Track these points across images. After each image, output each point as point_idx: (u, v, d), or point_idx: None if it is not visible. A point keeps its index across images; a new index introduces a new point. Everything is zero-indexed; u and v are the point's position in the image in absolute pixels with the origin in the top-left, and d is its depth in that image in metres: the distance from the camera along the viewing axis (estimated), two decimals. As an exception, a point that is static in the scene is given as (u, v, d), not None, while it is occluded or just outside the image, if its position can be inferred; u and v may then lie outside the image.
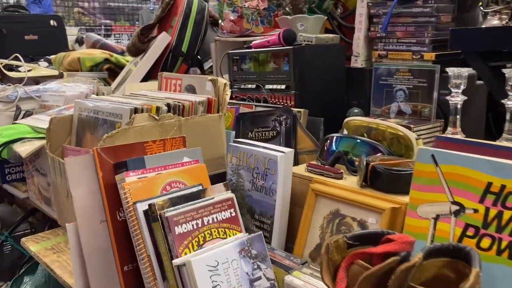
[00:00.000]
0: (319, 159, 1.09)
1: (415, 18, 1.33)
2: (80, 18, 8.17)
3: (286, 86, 1.41)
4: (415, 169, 0.75)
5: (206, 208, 0.84)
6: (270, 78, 1.48)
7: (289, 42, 1.45)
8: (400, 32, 1.37)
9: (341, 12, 1.63)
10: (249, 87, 1.54)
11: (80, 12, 8.28)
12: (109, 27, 8.49)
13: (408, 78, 1.17)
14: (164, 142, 1.03)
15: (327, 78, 1.45)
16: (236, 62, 1.61)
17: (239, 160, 1.06)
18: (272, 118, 1.23)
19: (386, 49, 1.41)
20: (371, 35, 1.44)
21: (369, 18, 1.45)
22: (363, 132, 1.11)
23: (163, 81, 1.37)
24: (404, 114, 1.19)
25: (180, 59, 1.95)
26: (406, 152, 1.04)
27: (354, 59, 1.48)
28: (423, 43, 1.31)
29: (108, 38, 7.77)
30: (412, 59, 1.34)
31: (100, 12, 8.46)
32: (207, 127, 1.14)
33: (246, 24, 1.86)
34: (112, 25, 8.58)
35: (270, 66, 1.47)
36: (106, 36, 7.67)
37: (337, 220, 0.88)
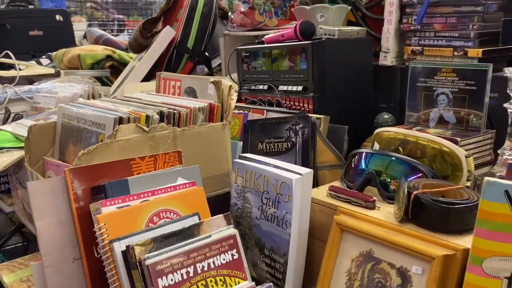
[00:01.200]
0: (344, 180, 0.89)
1: (457, 8, 1.11)
2: (93, 13, 8.10)
3: (303, 88, 1.22)
4: (480, 209, 0.55)
5: (201, 251, 0.66)
6: (284, 78, 1.28)
7: (307, 36, 1.25)
8: (438, 24, 1.16)
9: (367, 2, 1.42)
10: (260, 88, 1.35)
11: (92, 7, 8.20)
12: (122, 22, 8.39)
13: (452, 80, 0.96)
14: (155, 159, 0.85)
15: (351, 78, 1.25)
16: (246, 60, 1.42)
17: (245, 180, 0.87)
18: (286, 126, 1.04)
19: (422, 44, 1.20)
20: (403, 28, 1.23)
21: (401, 8, 1.24)
22: (397, 146, 0.91)
23: (161, 82, 1.19)
24: (447, 123, 0.98)
25: (186, 56, 1.77)
26: (452, 173, 0.84)
27: (383, 56, 1.28)
28: (467, 37, 1.10)
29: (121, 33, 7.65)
30: (454, 56, 1.13)
31: (113, 7, 8.36)
32: (208, 139, 0.96)
33: (258, 16, 1.66)
34: (125, 20, 8.47)
35: (285, 64, 1.27)
36: (119, 31, 7.57)
37: (369, 265, 0.69)
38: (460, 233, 0.66)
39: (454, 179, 0.83)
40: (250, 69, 1.40)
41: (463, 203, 0.66)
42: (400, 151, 0.91)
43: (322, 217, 0.82)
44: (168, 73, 1.18)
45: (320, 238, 0.81)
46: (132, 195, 0.75)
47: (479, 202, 0.55)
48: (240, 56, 1.43)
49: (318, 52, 1.17)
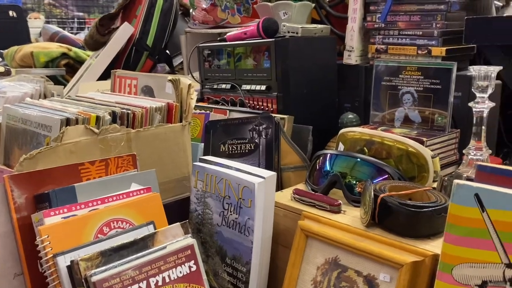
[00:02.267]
0: (308, 183, 0.86)
1: (420, 6, 1.10)
2: (51, 10, 7.80)
3: (267, 87, 1.18)
4: (449, 214, 0.52)
5: (155, 264, 0.60)
6: (248, 77, 1.24)
7: (270, 33, 1.21)
8: (402, 22, 1.14)
9: (330, 0, 1.40)
10: (223, 88, 1.30)
11: (51, 3, 7.90)
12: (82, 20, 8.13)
13: (417, 79, 0.94)
14: (107, 163, 0.78)
15: (315, 77, 1.22)
16: (208, 58, 1.36)
17: (205, 185, 0.82)
18: (249, 127, 1.00)
19: (386, 43, 1.18)
20: (368, 26, 1.21)
21: (365, 6, 1.22)
22: (362, 147, 0.88)
23: (116, 81, 1.12)
24: (412, 123, 0.97)
25: (145, 54, 1.70)
26: (419, 174, 0.82)
27: (347, 55, 1.25)
28: (430, 35, 1.08)
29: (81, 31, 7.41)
30: (417, 54, 1.11)
31: (73, 4, 8.09)
32: (166, 141, 0.90)
33: (220, 13, 1.61)
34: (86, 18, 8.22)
35: (248, 62, 1.23)
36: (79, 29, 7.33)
37: (335, 272, 0.65)
38: (428, 238, 0.63)
39: (420, 180, 0.81)
40: (213, 67, 1.35)
41: (431, 206, 0.63)
42: (365, 152, 0.88)
43: (286, 222, 0.78)
44: (123, 71, 1.12)
45: (285, 244, 0.77)
46: (79, 204, 0.68)
47: (449, 206, 0.52)
48: (201, 54, 1.37)
49: (282, 50, 1.13)
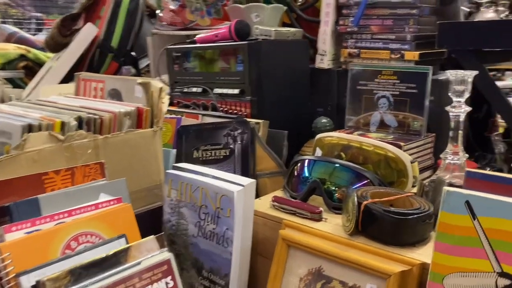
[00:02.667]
0: (287, 189, 0.83)
1: (393, 10, 1.10)
2: (7, 10, 7.49)
3: (240, 91, 1.15)
4: (440, 222, 0.51)
5: (129, 282, 0.56)
6: (220, 81, 1.20)
7: (242, 36, 1.18)
8: (375, 26, 1.14)
9: (302, 3, 1.38)
10: (194, 91, 1.26)
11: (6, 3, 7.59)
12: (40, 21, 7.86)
13: (393, 83, 0.94)
14: (73, 172, 0.73)
15: (288, 81, 1.20)
16: (178, 60, 1.32)
17: (180, 194, 0.78)
18: (224, 132, 0.96)
19: (358, 47, 1.17)
20: (340, 30, 1.20)
21: (337, 10, 1.21)
22: (340, 152, 0.86)
23: (81, 84, 1.06)
24: (388, 127, 0.96)
25: (110, 56, 1.63)
26: (397, 179, 0.81)
27: (319, 58, 1.24)
28: (404, 39, 1.09)
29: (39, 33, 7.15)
30: (391, 58, 1.11)
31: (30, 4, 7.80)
32: (136, 147, 0.85)
33: (189, 15, 1.57)
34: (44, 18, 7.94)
35: (220, 65, 1.19)
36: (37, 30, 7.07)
37: (319, 284, 0.63)
38: (413, 245, 0.62)
39: (399, 185, 0.81)
40: (182, 70, 1.31)
41: (415, 213, 0.62)
42: (343, 157, 0.87)
43: (266, 231, 0.75)
44: (88, 74, 1.06)
45: (264, 255, 0.74)
46: (43, 217, 0.63)
47: (439, 214, 0.51)
48: (171, 57, 1.33)
49: (255, 53, 1.11)
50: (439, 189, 0.68)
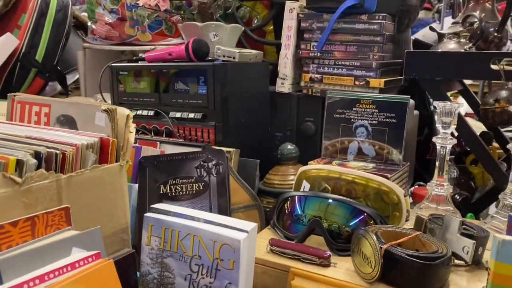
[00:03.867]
0: (279, 229, 0.76)
1: (357, 37, 1.10)
2: None
3: (202, 115, 1.05)
4: (494, 273, 0.47)
5: None
6: (177, 103, 1.10)
7: (200, 56, 1.10)
8: (338, 52, 1.12)
9: (258, 25, 1.33)
10: (144, 114, 1.13)
11: None
12: None
13: (372, 112, 0.92)
14: (33, 222, 0.59)
15: (251, 105, 1.13)
16: (123, 79, 1.18)
17: (163, 242, 0.66)
18: (196, 163, 0.86)
19: (321, 72, 1.15)
20: (302, 54, 1.17)
21: (298, 33, 1.18)
22: (329, 185, 0.82)
23: (16, 107, 0.89)
24: (366, 156, 0.94)
25: (34, 71, 1.43)
26: (391, 213, 0.78)
27: (280, 82, 1.19)
28: (369, 66, 1.08)
29: None
30: (355, 85, 1.10)
31: None
32: (102, 186, 0.72)
33: (128, 29, 1.44)
34: None
35: (178, 86, 1.09)
36: None
37: None
38: (439, 292, 0.58)
39: (393, 220, 0.78)
40: (129, 90, 1.18)
41: (440, 257, 0.59)
42: (329, 190, 0.82)
43: (265, 280, 0.67)
44: (27, 95, 0.89)
45: (264, 307, 0.66)
46: (7, 289, 0.49)
47: (492, 265, 0.47)
48: (115, 75, 1.19)
49: (221, 75, 1.03)
50: (449, 226, 0.66)
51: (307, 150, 1.13)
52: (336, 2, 1.09)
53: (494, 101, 0.89)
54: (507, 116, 0.88)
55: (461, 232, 0.64)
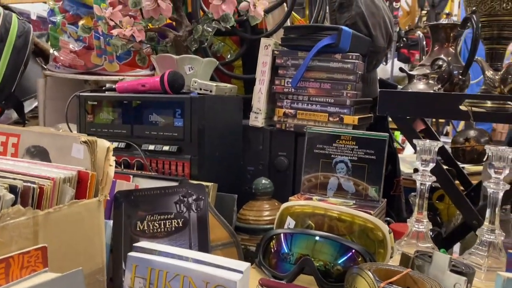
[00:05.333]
0: (266, 267, 0.74)
1: (330, 74, 1.12)
2: None
3: (178, 148, 1.02)
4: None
5: None
6: (150, 136, 1.06)
7: (175, 88, 1.08)
8: (313, 88, 1.14)
9: (231, 59, 1.34)
10: (114, 146, 1.08)
11: None
12: None
13: (352, 148, 0.93)
14: (8, 264, 0.54)
15: (225, 139, 1.12)
16: (92, 109, 1.14)
17: (149, 283, 0.62)
18: (175, 198, 0.83)
19: (295, 108, 1.16)
20: (276, 90, 1.18)
21: (272, 69, 1.19)
22: (314, 222, 0.81)
23: (-21, 136, 0.82)
24: (346, 192, 0.94)
25: (-10, 98, 1.35)
26: (376, 250, 0.78)
27: (253, 116, 1.19)
28: (343, 104, 1.11)
29: None
30: (329, 121, 1.12)
31: None
32: (80, 223, 0.67)
33: (95, 58, 1.40)
34: None
35: (152, 118, 1.06)
36: None
37: None
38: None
39: (377, 257, 0.78)
40: (98, 121, 1.13)
41: (436, 295, 0.59)
42: (312, 227, 0.81)
43: (257, 323, 0.64)
44: (-8, 124, 0.82)
45: None
46: None
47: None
48: (82, 106, 1.14)
49: (198, 108, 1.01)
50: (438, 263, 0.66)
51: (280, 184, 1.12)
52: (310, 41, 1.12)
53: (464, 140, 0.92)
54: (477, 155, 0.92)
55: (451, 269, 0.65)
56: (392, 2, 4.11)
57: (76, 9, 1.34)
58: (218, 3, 1.11)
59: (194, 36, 1.14)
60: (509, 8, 1.04)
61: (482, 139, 0.92)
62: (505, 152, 0.76)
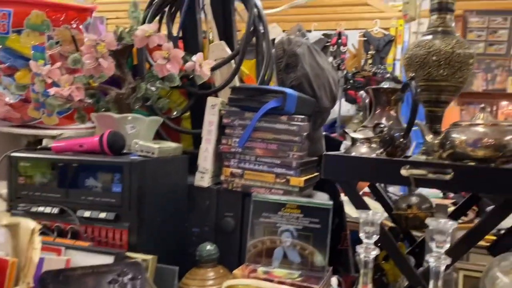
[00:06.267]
0: None
1: (277, 135, 1.12)
2: None
3: (115, 216, 0.96)
4: None
5: None
6: (86, 201, 1.00)
7: (115, 150, 1.03)
8: (259, 149, 1.13)
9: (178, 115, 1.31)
10: (47, 212, 1.01)
11: None
12: None
13: (297, 217, 0.92)
14: None
15: (168, 202, 1.08)
16: (24, 171, 1.06)
17: None
18: (108, 278, 0.77)
19: (242, 167, 1.14)
20: (223, 149, 1.16)
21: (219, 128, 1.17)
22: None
23: None
24: (291, 262, 0.92)
25: None
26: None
27: (199, 176, 1.16)
28: (289, 165, 1.10)
29: None
30: (275, 182, 1.11)
31: None
32: (-5, 319, 0.60)
33: (32, 111, 1.32)
34: None
35: (89, 183, 1.00)
36: None
37: None
38: None
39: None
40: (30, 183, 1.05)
41: None
42: (256, 304, 0.78)
43: None
44: None
45: None
46: None
47: None
48: (13, 166, 1.06)
49: (138, 173, 0.96)
50: None
51: (226, 247, 1.09)
52: (257, 102, 1.11)
53: (407, 207, 0.93)
54: (419, 222, 0.93)
55: None
56: (339, 46, 4.29)
57: (12, 61, 1.27)
58: (163, 63, 1.09)
59: (137, 94, 1.11)
60: (445, 74, 1.09)
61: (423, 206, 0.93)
62: (445, 226, 0.77)
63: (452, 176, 0.93)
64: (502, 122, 0.98)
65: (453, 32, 1.10)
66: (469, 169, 0.93)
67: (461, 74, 1.08)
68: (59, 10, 1.27)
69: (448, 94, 1.13)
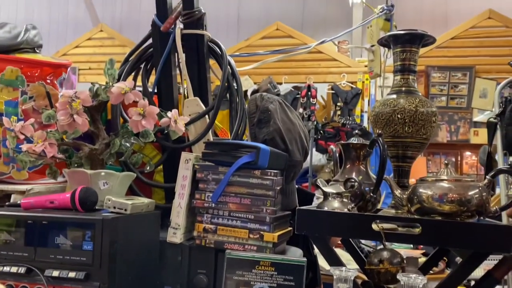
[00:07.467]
0: None
1: (250, 189, 1.13)
2: None
3: (85, 275, 0.94)
4: None
5: None
6: (55, 260, 0.97)
7: (87, 206, 1.02)
8: (233, 204, 1.14)
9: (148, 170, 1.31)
10: (13, 271, 0.97)
11: None
12: None
13: (271, 274, 0.91)
14: None
15: (139, 260, 1.06)
16: (-11, 229, 1.03)
17: None
18: None
19: (215, 223, 1.14)
20: (196, 204, 1.16)
21: (193, 182, 1.18)
22: None
23: None
24: (265, 321, 0.91)
25: None
26: None
27: (172, 232, 1.14)
28: (263, 220, 1.11)
29: None
30: (249, 238, 1.11)
31: None
32: None
33: (1, 166, 1.29)
34: None
35: (59, 241, 0.98)
36: None
37: None
38: None
39: None
40: (-3, 242, 1.02)
41: None
42: None
43: None
44: None
45: None
46: None
47: None
48: (-21, 223, 1.03)
49: (110, 231, 0.95)
50: None
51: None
52: (231, 157, 1.13)
53: (379, 262, 0.95)
54: (391, 276, 0.94)
55: None
56: (309, 98, 4.42)
57: (-16, 116, 1.26)
58: (138, 119, 1.10)
59: (111, 150, 1.11)
60: (410, 131, 1.14)
61: (395, 260, 0.95)
62: (416, 281, 0.79)
63: (420, 231, 0.96)
64: (465, 178, 1.02)
65: (416, 92, 1.17)
66: (437, 223, 0.96)
67: (425, 131, 1.14)
68: (34, 66, 1.28)
69: (414, 150, 1.18)
